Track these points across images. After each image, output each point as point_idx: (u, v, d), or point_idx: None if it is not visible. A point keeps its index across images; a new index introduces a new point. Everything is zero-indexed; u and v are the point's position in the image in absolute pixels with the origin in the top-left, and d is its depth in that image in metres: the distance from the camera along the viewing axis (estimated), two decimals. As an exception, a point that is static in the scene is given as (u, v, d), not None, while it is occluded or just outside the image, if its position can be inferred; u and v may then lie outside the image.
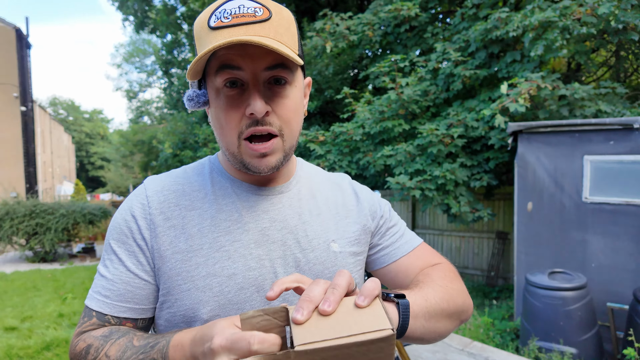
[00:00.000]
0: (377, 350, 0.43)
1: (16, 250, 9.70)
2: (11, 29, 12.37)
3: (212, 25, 0.60)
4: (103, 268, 0.69)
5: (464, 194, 4.91)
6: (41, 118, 20.76)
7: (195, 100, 0.66)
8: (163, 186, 0.72)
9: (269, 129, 0.63)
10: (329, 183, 0.83)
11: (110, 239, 0.70)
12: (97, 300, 0.67)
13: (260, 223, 0.70)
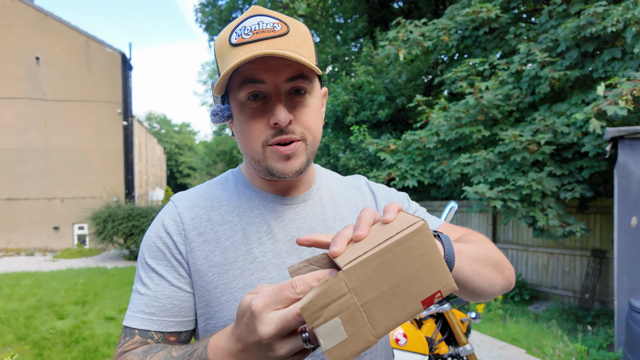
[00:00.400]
0: (418, 246, 0.43)
1: (116, 248, 10.87)
2: (117, 54, 14.08)
3: (233, 42, 0.63)
4: (142, 287, 0.70)
5: (553, 206, 4.48)
6: (139, 131, 23.24)
7: (220, 115, 0.70)
8: (193, 203, 0.74)
9: (292, 137, 0.66)
10: (348, 186, 0.85)
11: (146, 257, 0.71)
12: (141, 318, 0.67)
13: (288, 232, 0.73)
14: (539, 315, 5.37)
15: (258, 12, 0.66)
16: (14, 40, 12.96)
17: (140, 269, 0.71)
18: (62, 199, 13.49)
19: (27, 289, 6.91)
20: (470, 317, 2.14)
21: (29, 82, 13.13)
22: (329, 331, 0.42)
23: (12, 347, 4.13)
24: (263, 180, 0.75)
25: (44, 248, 13.03)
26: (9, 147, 13.00)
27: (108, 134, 13.91)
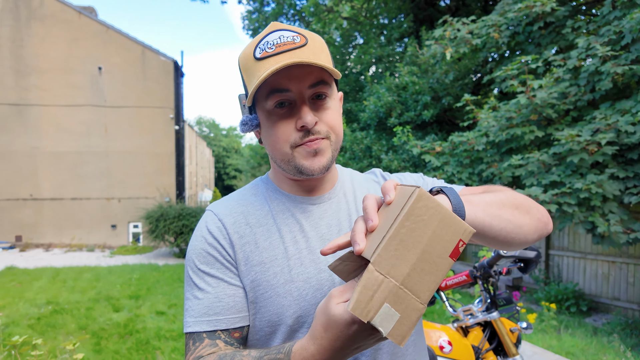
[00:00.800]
0: (423, 212, 0.47)
1: (167, 246, 11.42)
2: (170, 61, 14.85)
3: (257, 56, 0.70)
4: (199, 292, 0.73)
5: (615, 210, 4.14)
6: (189, 135, 24.33)
7: (249, 124, 0.76)
8: (230, 210, 0.79)
9: (318, 136, 0.72)
10: (367, 180, 0.90)
11: (198, 265, 0.75)
12: (208, 321, 0.72)
13: (319, 230, 0.78)
14: (598, 328, 4.99)
15: (278, 27, 0.72)
16: (79, 53, 14.05)
17: (192, 277, 0.75)
18: (119, 199, 14.41)
19: (87, 282, 7.43)
20: (520, 326, 2.03)
21: (91, 90, 14.16)
22: (384, 317, 0.46)
23: (75, 336, 4.45)
24: (291, 182, 0.80)
25: (102, 244, 13.98)
26: (73, 150, 14.09)
27: (161, 138, 14.69)
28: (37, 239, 13.81)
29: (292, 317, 0.72)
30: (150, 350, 4.06)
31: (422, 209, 0.47)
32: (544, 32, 6.02)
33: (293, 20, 15.64)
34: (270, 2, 15.22)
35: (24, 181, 13.77)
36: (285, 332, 0.73)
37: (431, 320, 4.10)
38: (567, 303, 5.69)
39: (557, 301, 5.76)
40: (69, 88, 13.98)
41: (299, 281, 0.73)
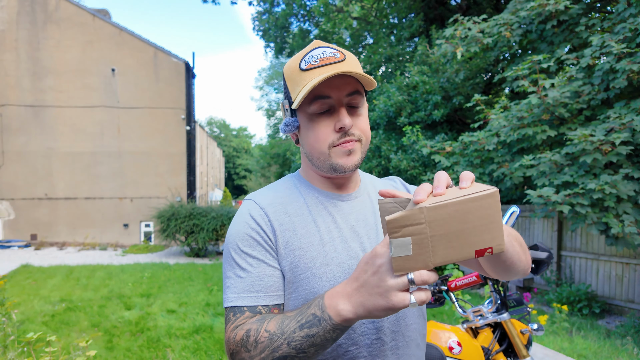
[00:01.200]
0: (487, 206, 0.54)
1: (178, 245, 11.54)
2: (182, 63, 15.00)
3: (303, 67, 0.81)
4: (242, 271, 0.81)
5: (630, 211, 4.07)
6: (200, 135, 24.54)
7: (291, 125, 0.87)
8: (271, 200, 0.88)
9: (352, 138, 0.83)
10: (386, 184, 1.02)
11: (241, 247, 0.83)
12: (250, 297, 0.79)
13: (349, 222, 0.89)
14: (612, 330, 4.90)
15: (320, 44, 0.84)
16: (94, 55, 14.28)
17: (235, 257, 0.83)
18: (132, 198, 14.60)
19: (100, 280, 7.55)
20: (531, 328, 2.00)
21: (105, 91, 14.38)
22: (400, 245, 0.55)
23: (87, 333, 4.53)
24: (323, 179, 0.91)
25: (115, 243, 14.18)
26: (88, 151, 14.32)
27: (173, 138, 14.84)
28: (51, 237, 14.08)
29: None
30: (160, 348, 4.11)
31: (487, 204, 0.54)
32: (557, 30, 5.94)
33: (303, 20, 15.68)
34: (281, 3, 15.27)
35: (40, 181, 14.04)
36: None
37: (440, 321, 4.07)
38: (579, 305, 5.60)
39: (569, 303, 5.67)
40: (83, 89, 14.22)
41: (333, 265, 0.83)
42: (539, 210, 4.61)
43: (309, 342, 0.67)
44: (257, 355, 0.70)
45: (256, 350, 0.70)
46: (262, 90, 33.54)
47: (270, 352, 0.69)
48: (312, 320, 0.66)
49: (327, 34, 13.93)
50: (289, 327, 0.68)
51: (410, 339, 0.87)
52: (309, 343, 0.67)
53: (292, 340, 0.67)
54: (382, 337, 0.82)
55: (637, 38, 4.61)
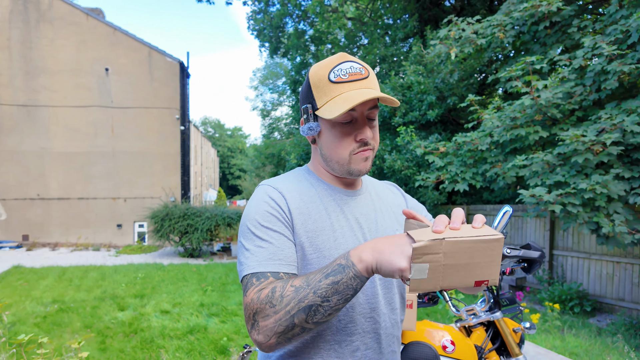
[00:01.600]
0: (492, 248, 0.64)
1: (172, 245, 11.49)
2: (176, 62, 14.93)
3: (332, 79, 0.90)
4: (264, 242, 0.87)
5: (620, 211, 4.11)
6: (194, 135, 24.44)
7: (314, 130, 0.96)
8: (287, 186, 0.96)
9: (369, 147, 0.94)
10: (386, 188, 1.15)
11: (262, 222, 0.89)
12: (272, 264, 0.85)
13: (354, 214, 0.99)
14: (602, 328, 4.95)
15: (348, 58, 0.93)
16: (88, 54, 14.18)
17: (255, 232, 0.89)
18: (125, 198, 14.51)
19: (93, 281, 7.50)
20: (524, 327, 2.02)
21: (99, 91, 14.29)
22: (419, 269, 0.65)
23: (80, 334, 4.50)
24: (332, 177, 1.01)
25: (108, 244, 14.08)
26: (82, 151, 14.21)
27: (167, 138, 14.77)
28: (44, 238, 13.95)
29: None
30: (154, 349, 4.10)
31: (494, 246, 0.64)
32: (549, 31, 5.99)
33: (298, 20, 15.67)
34: (275, 3, 15.26)
35: (32, 181, 13.91)
36: None
37: (434, 320, 4.09)
38: (571, 303, 5.66)
39: (560, 301, 5.72)
40: (77, 89, 14.11)
41: (340, 249, 0.91)
42: (532, 209, 4.65)
43: (333, 289, 0.73)
44: (283, 308, 0.75)
45: (281, 304, 0.75)
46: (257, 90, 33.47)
47: (296, 303, 0.74)
48: (337, 268, 0.74)
49: (322, 34, 13.93)
50: (315, 278, 0.75)
51: (395, 321, 1.01)
52: (333, 290, 0.73)
53: (318, 289, 0.73)
54: (375, 317, 0.94)
55: (628, 40, 4.66)
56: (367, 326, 0.93)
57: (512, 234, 7.29)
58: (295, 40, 14.86)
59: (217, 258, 11.11)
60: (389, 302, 0.99)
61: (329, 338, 0.90)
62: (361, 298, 0.93)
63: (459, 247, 0.63)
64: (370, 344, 0.93)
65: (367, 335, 0.93)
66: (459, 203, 9.34)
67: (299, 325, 0.75)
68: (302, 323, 0.75)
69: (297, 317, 0.74)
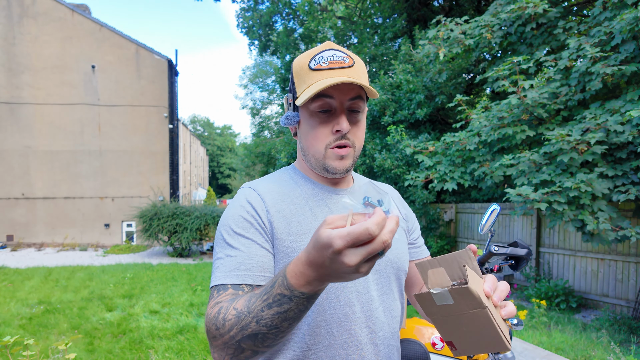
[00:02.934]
0: (498, 347, 0.68)
1: (161, 245, 11.38)
2: (164, 60, 14.77)
3: (312, 67, 0.84)
4: (233, 251, 0.81)
5: (604, 208, 4.21)
6: (183, 134, 24.22)
7: (292, 119, 0.90)
8: (268, 188, 0.91)
9: (347, 142, 0.87)
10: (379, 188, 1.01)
11: (234, 228, 0.84)
12: (237, 275, 0.78)
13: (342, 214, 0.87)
14: (587, 324, 5.06)
15: (332, 47, 0.87)
16: (73, 51, 13.94)
17: (227, 239, 0.84)
18: (113, 197, 14.33)
19: (80, 281, 7.40)
20: (511, 323, 2.06)
21: (85, 89, 14.06)
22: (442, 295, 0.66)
23: (67, 336, 4.44)
24: (317, 175, 0.95)
25: (95, 244, 13.89)
26: (67, 149, 13.98)
27: (155, 136, 14.61)
28: (29, 238, 13.70)
29: None
30: (143, 350, 4.06)
31: (500, 348, 0.69)
32: (535, 32, 6.08)
33: (288, 19, 15.63)
34: (265, 0, 15.19)
35: (17, 180, 13.64)
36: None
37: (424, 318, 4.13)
38: (557, 300, 5.77)
39: (547, 298, 5.83)
40: (62, 86, 13.87)
41: None
42: (518, 208, 4.73)
43: (280, 318, 0.65)
44: (227, 333, 0.69)
45: (224, 328, 0.69)
46: (247, 89, 33.28)
47: (238, 330, 0.68)
48: (280, 299, 0.64)
49: (312, 32, 13.92)
50: (256, 306, 0.67)
51: (395, 330, 0.93)
52: (281, 318, 0.65)
53: (261, 319, 0.66)
54: (371, 326, 0.87)
55: (611, 41, 4.76)
56: (363, 337, 0.85)
57: (500, 231, 7.39)
58: (285, 38, 14.83)
59: (206, 257, 11.04)
60: (388, 309, 0.91)
61: (322, 354, 0.82)
62: (356, 306, 0.85)
63: (484, 323, 0.66)
64: (368, 357, 0.85)
65: (365, 347, 0.85)
66: (447, 202, 9.44)
67: (249, 349, 0.70)
68: (252, 347, 0.69)
69: (243, 342, 0.69)
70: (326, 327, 0.83)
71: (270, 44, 16.49)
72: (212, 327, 0.72)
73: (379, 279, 0.90)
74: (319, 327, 0.83)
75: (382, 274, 0.91)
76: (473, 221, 8.14)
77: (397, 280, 0.95)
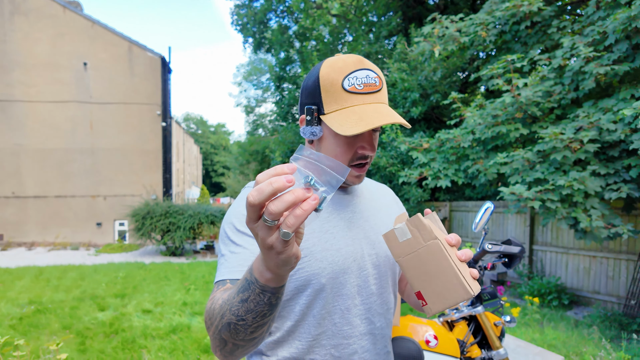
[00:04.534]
0: (458, 291, 0.71)
1: (153, 244, 11.30)
2: (157, 57, 14.65)
3: (346, 88, 0.84)
4: (237, 248, 0.84)
5: (597, 206, 4.23)
6: (176, 132, 24.07)
7: (317, 135, 0.90)
8: None
9: (368, 161, 0.92)
10: (378, 189, 1.13)
11: (238, 226, 0.85)
12: (239, 271, 0.80)
13: (346, 214, 0.96)
14: (579, 321, 5.10)
15: (365, 65, 0.87)
16: (65, 48, 13.78)
17: (231, 236, 0.86)
18: (105, 196, 14.20)
19: (72, 281, 7.32)
20: (504, 320, 2.06)
21: (77, 86, 13.91)
22: (402, 230, 0.74)
23: (58, 336, 4.38)
24: None
25: (87, 243, 13.77)
26: (59, 147, 13.83)
27: (148, 134, 14.50)
28: (19, 237, 13.54)
29: (326, 277, 0.87)
30: (136, 349, 4.02)
31: (461, 294, 0.71)
32: (530, 31, 6.10)
33: (282, 16, 15.57)
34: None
35: (7, 179, 13.47)
36: (310, 294, 0.87)
37: (417, 315, 4.14)
38: (550, 297, 5.81)
39: (540, 295, 5.87)
40: (54, 84, 13.71)
41: (332, 250, 0.89)
42: (512, 206, 4.75)
43: (244, 308, 0.64)
44: (213, 323, 0.69)
45: (213, 318, 0.70)
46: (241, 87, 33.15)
47: (220, 318, 0.68)
48: (243, 284, 0.64)
49: (307, 30, 13.87)
50: (231, 293, 0.67)
51: (389, 321, 1.00)
52: (245, 309, 0.64)
53: (232, 306, 0.65)
54: (370, 318, 0.93)
55: (605, 41, 4.78)
56: (363, 328, 0.91)
57: (494, 229, 7.43)
58: (279, 36, 14.77)
59: (200, 256, 10.99)
60: (385, 301, 0.97)
61: (325, 342, 0.88)
62: (357, 299, 0.91)
63: (439, 258, 0.66)
64: (367, 346, 0.92)
65: (364, 337, 0.91)
66: (442, 200, 9.47)
67: (230, 342, 0.68)
68: (230, 339, 0.68)
69: (222, 333, 0.68)
70: (330, 318, 0.88)
71: (265, 42, 16.43)
72: (206, 317, 0.73)
73: (378, 274, 0.95)
74: (323, 319, 0.88)
75: (381, 269, 0.96)
76: (467, 219, 8.17)
77: (392, 275, 1.00)
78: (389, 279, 0.99)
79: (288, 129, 12.52)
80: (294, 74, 15.94)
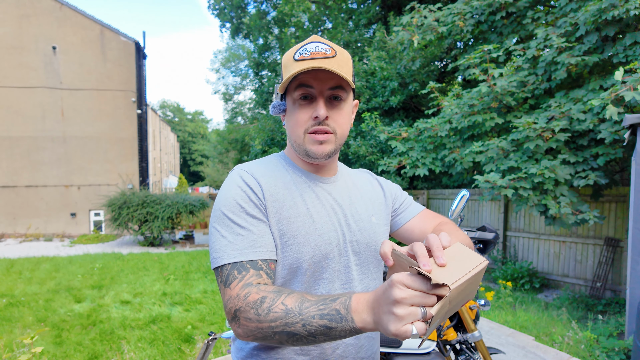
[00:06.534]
0: (480, 274, 0.67)
1: (131, 234, 11.11)
2: (131, 42, 14.16)
3: (296, 58, 0.89)
4: (242, 230, 0.86)
5: (566, 193, 4.40)
6: (152, 119, 23.46)
7: (278, 108, 0.97)
8: (262, 173, 0.96)
9: (326, 129, 0.91)
10: (361, 176, 1.15)
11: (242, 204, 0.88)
12: (253, 252, 0.84)
13: (328, 201, 0.99)
14: (549, 303, 5.34)
15: (317, 39, 0.92)
16: (31, 31, 13.15)
17: (232, 218, 0.87)
18: (79, 186, 13.80)
19: (46, 273, 7.14)
20: (479, 304, 2.15)
21: (45, 71, 13.34)
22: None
23: (32, 329, 4.29)
24: (303, 162, 1.00)
25: (61, 234, 13.40)
26: (28, 135, 13.30)
27: (123, 122, 14.10)
28: (-12, 229, 13.06)
29: (308, 262, 0.90)
30: (115, 340, 3.99)
31: (482, 273, 0.68)
32: (505, 22, 6.20)
33: (260, 1, 15.26)
34: (237, -17, 14.76)
35: (-28, 168, 12.91)
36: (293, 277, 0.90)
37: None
38: (522, 281, 6.04)
39: (513, 279, 6.10)
40: (20, 68, 13.11)
41: (315, 235, 0.91)
42: (487, 193, 4.88)
43: (323, 333, 0.70)
44: (267, 322, 0.74)
45: (267, 318, 0.74)
46: (219, 73, 32.48)
47: (282, 324, 0.72)
48: (334, 315, 0.69)
49: (285, 16, 13.67)
50: (309, 311, 0.71)
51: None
52: (323, 333, 0.70)
53: (308, 324, 0.71)
54: None
55: (576, 32, 4.92)
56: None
57: (469, 216, 7.63)
58: (257, 22, 14.50)
59: (179, 246, 10.87)
60: (366, 288, 0.98)
61: None
62: (336, 284, 0.93)
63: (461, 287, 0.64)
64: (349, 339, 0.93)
65: None
66: (420, 188, 9.63)
67: (278, 340, 0.75)
68: (282, 341, 0.75)
69: (278, 335, 0.74)
70: None
71: (243, 27, 16.10)
72: (250, 310, 0.75)
73: (359, 260, 0.98)
74: None
75: (361, 256, 0.98)
76: (444, 207, 8.36)
77: (375, 261, 1.02)
78: (370, 265, 1.00)
79: (268, 117, 12.40)
80: (272, 60, 15.72)
